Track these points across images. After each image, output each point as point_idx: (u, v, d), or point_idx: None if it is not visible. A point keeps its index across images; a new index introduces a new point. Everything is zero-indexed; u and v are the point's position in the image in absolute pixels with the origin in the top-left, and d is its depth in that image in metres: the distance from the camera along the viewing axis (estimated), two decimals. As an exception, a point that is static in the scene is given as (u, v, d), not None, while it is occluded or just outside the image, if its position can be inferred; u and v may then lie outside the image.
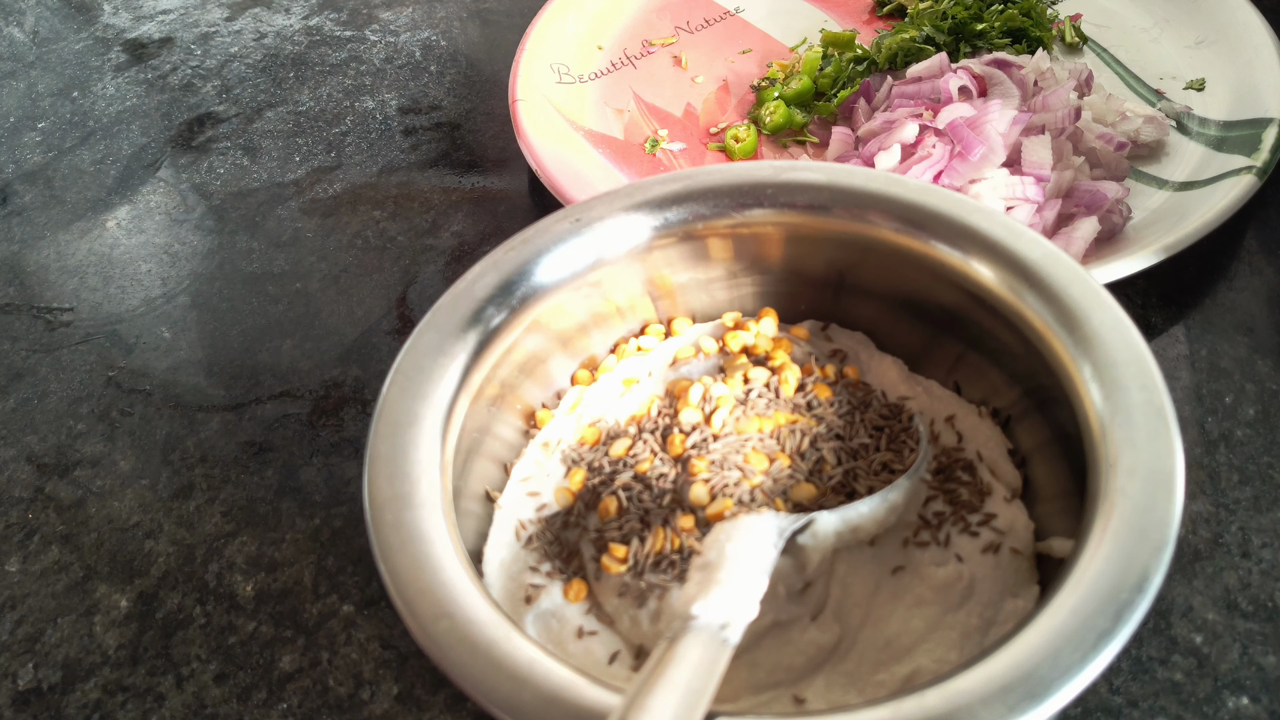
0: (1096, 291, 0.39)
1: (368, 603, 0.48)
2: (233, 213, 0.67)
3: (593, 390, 0.47)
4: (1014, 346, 0.42)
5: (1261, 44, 0.65)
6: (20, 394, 0.58)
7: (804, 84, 0.68)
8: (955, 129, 0.58)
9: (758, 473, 0.42)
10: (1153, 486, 0.34)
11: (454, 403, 0.40)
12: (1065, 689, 0.30)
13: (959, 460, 0.43)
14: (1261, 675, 0.43)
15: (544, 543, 0.42)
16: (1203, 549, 0.46)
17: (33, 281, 0.65)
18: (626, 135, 0.67)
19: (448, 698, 0.44)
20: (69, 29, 0.85)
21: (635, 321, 0.49)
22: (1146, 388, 0.36)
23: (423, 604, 0.34)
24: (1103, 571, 0.32)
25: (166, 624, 0.48)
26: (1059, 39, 0.72)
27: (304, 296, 0.62)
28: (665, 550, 0.40)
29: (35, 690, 0.46)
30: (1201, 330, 0.55)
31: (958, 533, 0.41)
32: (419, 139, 0.72)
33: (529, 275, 0.43)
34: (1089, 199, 0.57)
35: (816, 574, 0.40)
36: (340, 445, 0.54)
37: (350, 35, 0.81)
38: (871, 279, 0.46)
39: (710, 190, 0.45)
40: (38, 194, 0.70)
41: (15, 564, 0.51)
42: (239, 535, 0.51)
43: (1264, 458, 0.49)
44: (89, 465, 0.54)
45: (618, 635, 0.40)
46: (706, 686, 0.32)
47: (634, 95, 0.70)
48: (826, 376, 0.46)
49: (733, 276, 0.48)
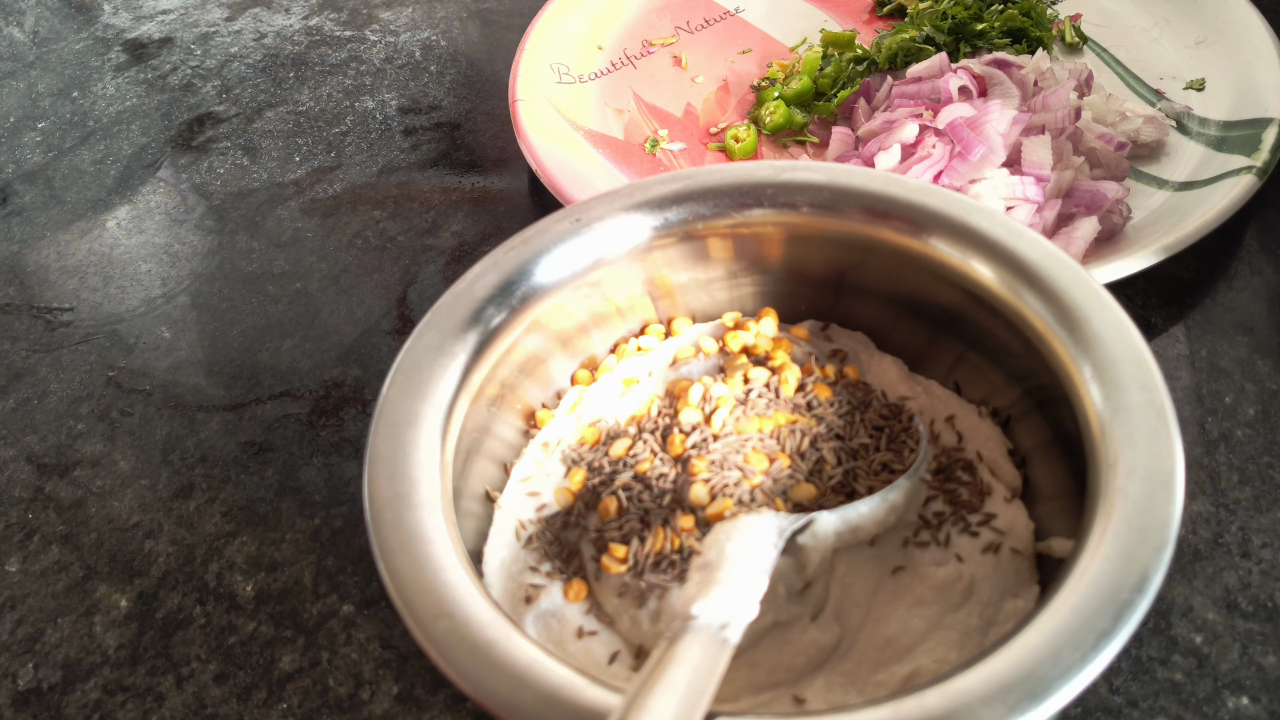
0: (1096, 291, 0.39)
1: (368, 603, 0.48)
2: (233, 213, 0.67)
3: (593, 390, 0.47)
4: (1014, 346, 0.42)
5: (1261, 44, 0.65)
6: (20, 394, 0.58)
7: (804, 84, 0.68)
8: (955, 129, 0.58)
9: (758, 473, 0.42)
10: (1153, 486, 0.34)
11: (454, 403, 0.40)
12: (1065, 689, 0.30)
13: (959, 460, 0.43)
14: (1261, 675, 0.43)
15: (544, 543, 0.42)
16: (1203, 549, 0.46)
17: (33, 281, 0.65)
18: (626, 135, 0.67)
19: (448, 698, 0.45)
20: (69, 29, 0.85)
21: (635, 321, 0.49)
22: (1146, 388, 0.36)
23: (423, 604, 0.34)
24: (1103, 571, 0.32)
25: (166, 624, 0.48)
26: (1059, 39, 0.72)
27: (304, 296, 0.62)
28: (665, 550, 0.40)
29: (35, 690, 0.46)
30: (1201, 330, 0.55)
31: (958, 533, 0.41)
32: (419, 139, 0.72)
33: (529, 275, 0.43)
34: (1089, 199, 0.57)
35: (816, 574, 0.40)
36: (340, 445, 0.54)
37: (350, 35, 0.81)
38: (872, 279, 0.46)
39: (710, 190, 0.45)
40: (38, 194, 0.70)
41: (15, 564, 0.51)
42: (239, 535, 0.51)
43: (1264, 458, 0.49)
44: (89, 465, 0.54)
45: (618, 635, 0.40)
46: (707, 686, 0.32)
47: (634, 95, 0.70)
48: (826, 376, 0.46)
49: (733, 276, 0.48)
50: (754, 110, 0.69)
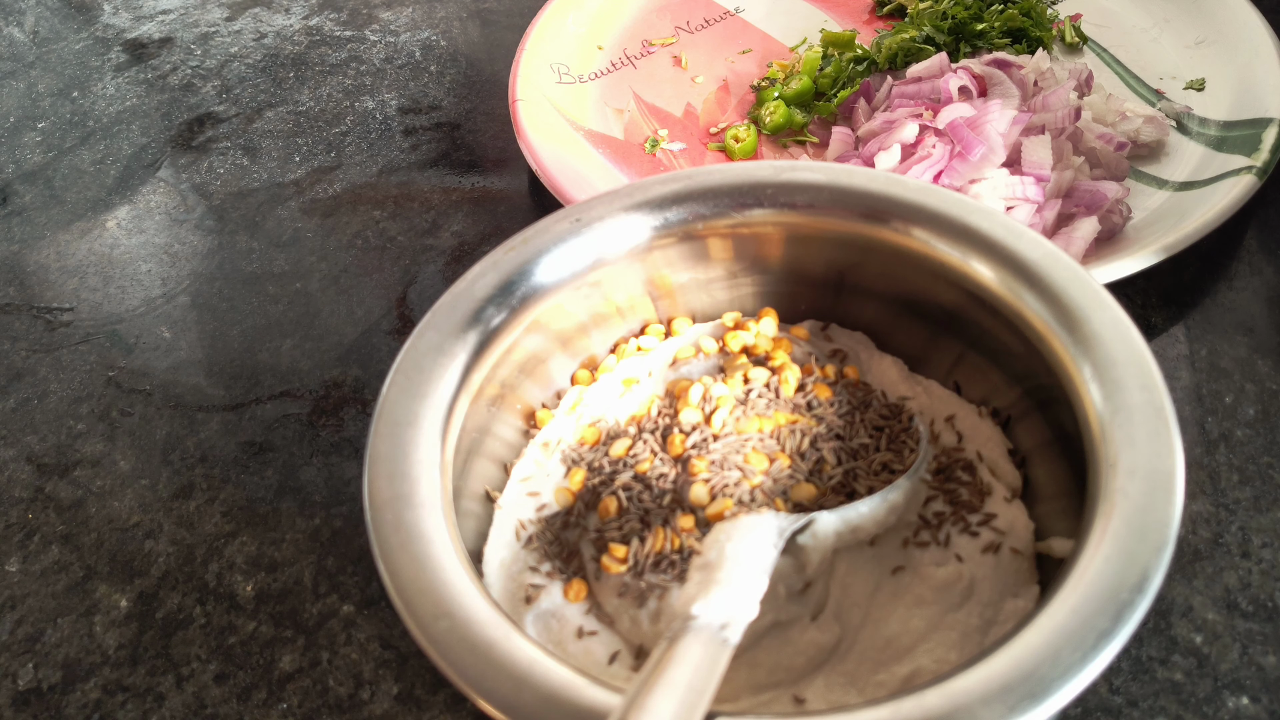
0: (1096, 291, 0.39)
1: (368, 603, 0.48)
2: (233, 213, 0.67)
3: (593, 390, 0.47)
4: (1014, 346, 0.42)
5: (1261, 44, 0.65)
6: (20, 394, 0.58)
7: (804, 84, 0.68)
8: (955, 129, 0.58)
9: (758, 473, 0.42)
10: (1153, 486, 0.34)
11: (454, 403, 0.40)
12: (1065, 689, 0.30)
13: (959, 460, 0.43)
14: (1261, 675, 0.43)
15: (544, 543, 0.42)
16: (1203, 549, 0.46)
17: (33, 281, 0.65)
18: (626, 135, 0.67)
19: (448, 698, 0.45)
20: (69, 29, 0.85)
21: (635, 321, 0.49)
22: (1146, 388, 0.36)
23: (423, 604, 0.34)
24: (1103, 571, 0.32)
25: (166, 624, 0.48)
26: (1059, 39, 0.72)
27: (304, 296, 0.62)
28: (665, 550, 0.40)
29: (35, 690, 0.46)
30: (1201, 330, 0.55)
31: (958, 533, 0.41)
32: (419, 139, 0.72)
33: (529, 275, 0.43)
34: (1089, 199, 0.57)
35: (816, 574, 0.40)
36: (340, 445, 0.54)
37: (350, 35, 0.81)
38: (871, 279, 0.46)
39: (710, 190, 0.45)
40: (38, 194, 0.70)
41: (15, 564, 0.51)
42: (239, 535, 0.51)
43: (1264, 458, 0.49)
44: (89, 465, 0.54)
45: (618, 635, 0.40)
46: (707, 686, 0.32)
47: (634, 95, 0.70)
48: (827, 376, 0.46)
49: (733, 276, 0.48)
50: (754, 110, 0.69)
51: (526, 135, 0.64)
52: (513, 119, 0.66)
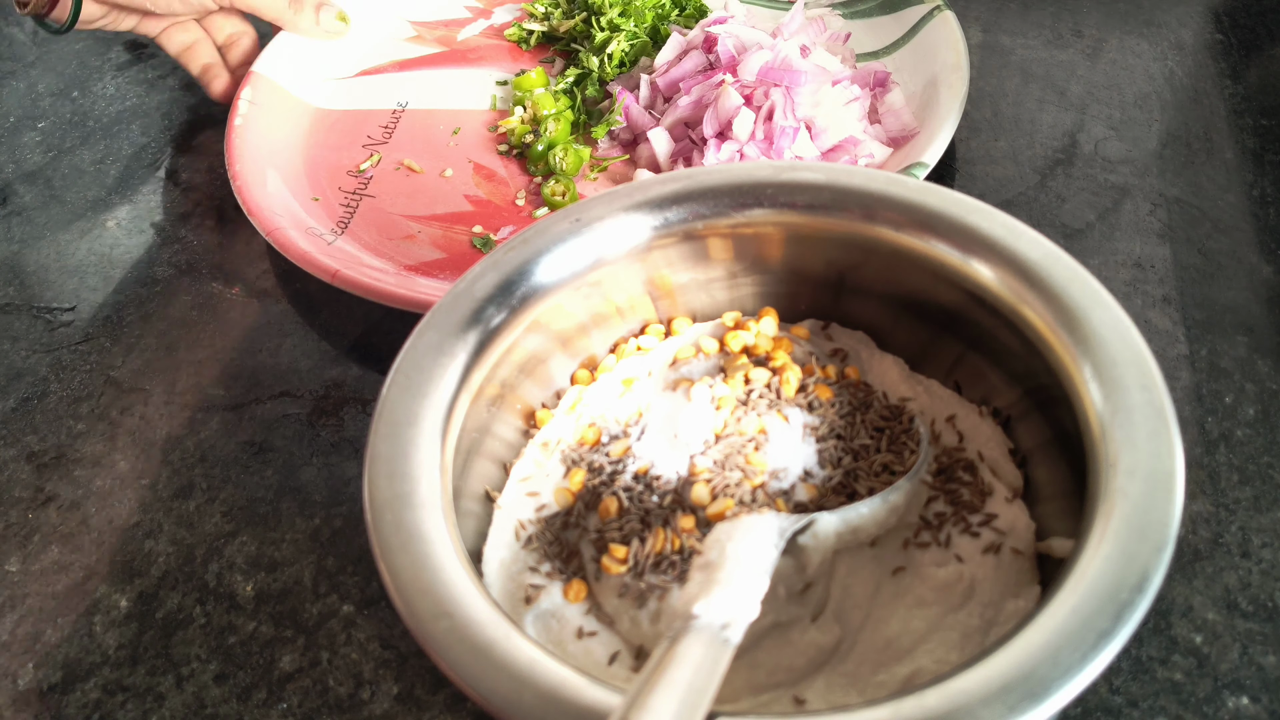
0: (1097, 291, 0.39)
1: (368, 603, 0.48)
2: (233, 212, 0.67)
3: (592, 390, 0.47)
4: (1014, 346, 0.42)
5: None
6: (20, 394, 0.58)
7: (563, 119, 0.67)
8: (771, 72, 0.61)
9: (759, 473, 0.42)
10: (1153, 486, 0.34)
11: (454, 403, 0.40)
12: (1065, 689, 0.30)
13: (960, 460, 0.43)
14: (1261, 675, 0.43)
15: (544, 543, 0.42)
16: (1203, 549, 0.46)
17: (33, 281, 0.65)
18: (446, 252, 0.61)
19: (448, 698, 0.44)
20: (69, 29, 0.85)
21: (635, 321, 0.49)
22: (1146, 388, 0.36)
23: (423, 604, 0.34)
24: (1103, 571, 0.32)
25: (166, 624, 0.48)
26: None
27: (304, 296, 0.62)
28: (666, 550, 0.40)
29: (35, 690, 0.46)
30: (1201, 330, 0.55)
31: (958, 533, 0.41)
32: (419, 139, 0.71)
33: (529, 275, 0.43)
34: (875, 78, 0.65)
35: (817, 575, 0.40)
36: (340, 445, 0.54)
37: (350, 35, 0.81)
38: (872, 279, 0.46)
39: (710, 190, 0.45)
40: (38, 194, 0.70)
41: (15, 564, 0.51)
42: (239, 535, 0.51)
43: (1264, 458, 0.49)
44: (89, 465, 0.54)
45: (618, 636, 0.40)
46: (707, 686, 0.32)
47: (404, 217, 0.64)
48: (827, 377, 0.46)
49: (733, 276, 0.48)
50: (536, 166, 0.66)
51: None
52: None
